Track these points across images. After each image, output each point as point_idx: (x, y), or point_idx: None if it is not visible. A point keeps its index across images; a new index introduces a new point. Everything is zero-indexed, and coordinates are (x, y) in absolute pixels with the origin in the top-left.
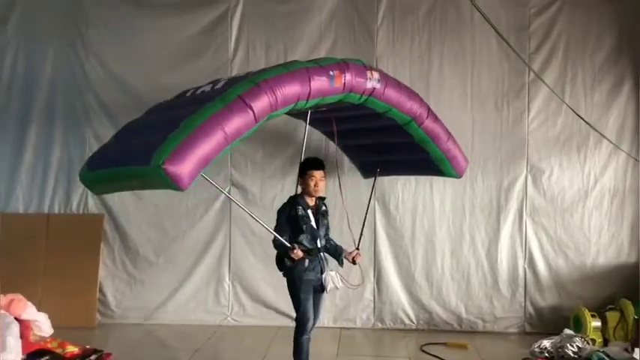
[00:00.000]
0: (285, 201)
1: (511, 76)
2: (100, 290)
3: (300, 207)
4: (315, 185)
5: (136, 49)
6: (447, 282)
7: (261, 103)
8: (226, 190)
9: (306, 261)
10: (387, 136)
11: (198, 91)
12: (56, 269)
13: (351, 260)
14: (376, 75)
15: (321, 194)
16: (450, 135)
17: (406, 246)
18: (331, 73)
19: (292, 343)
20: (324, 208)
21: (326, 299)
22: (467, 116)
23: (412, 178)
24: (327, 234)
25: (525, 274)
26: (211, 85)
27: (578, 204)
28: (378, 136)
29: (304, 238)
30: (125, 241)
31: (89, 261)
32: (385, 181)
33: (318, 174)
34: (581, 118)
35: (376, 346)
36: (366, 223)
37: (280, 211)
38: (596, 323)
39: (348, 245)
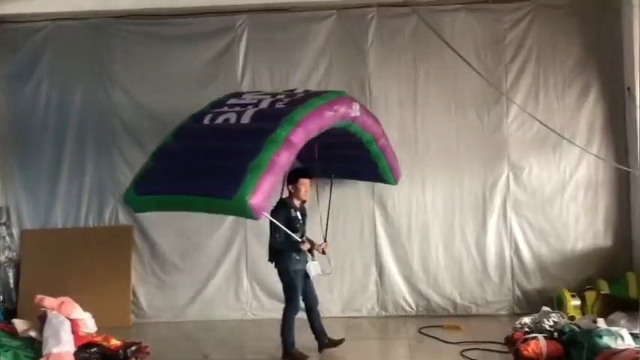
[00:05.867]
0: (276, 204)
1: (490, 87)
2: (133, 293)
3: (293, 209)
4: (305, 191)
5: (155, 78)
6: (442, 271)
7: (299, 139)
8: None
9: (295, 255)
10: (351, 149)
11: (245, 115)
12: (93, 276)
13: (320, 251)
14: (356, 105)
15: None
16: (393, 152)
17: (403, 241)
18: (335, 107)
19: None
20: (305, 210)
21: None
22: (452, 124)
23: (406, 181)
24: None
25: (512, 261)
26: (255, 108)
27: (556, 196)
28: (344, 150)
29: (297, 236)
30: (153, 249)
31: (122, 267)
32: (382, 186)
33: (308, 182)
34: (548, 127)
35: (380, 332)
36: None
37: (277, 212)
38: (576, 302)
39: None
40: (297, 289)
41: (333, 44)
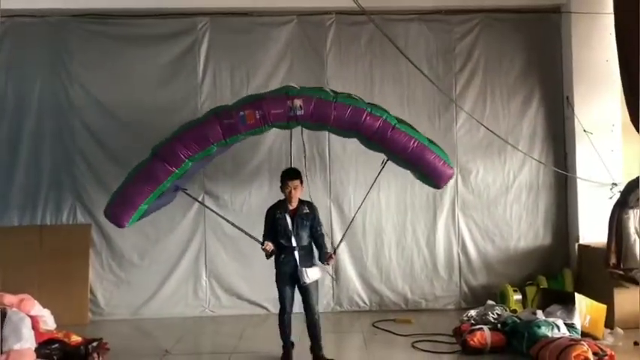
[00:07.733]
0: (273, 204)
1: (441, 93)
2: (91, 291)
3: (279, 211)
4: (289, 193)
5: (115, 77)
6: (394, 268)
7: (174, 156)
8: (200, 197)
9: (282, 256)
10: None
11: None
12: (50, 274)
13: (325, 262)
14: (298, 103)
15: (295, 200)
16: (418, 147)
17: (359, 240)
18: (241, 113)
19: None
20: (305, 211)
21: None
22: None
23: (362, 182)
24: (314, 233)
25: (459, 259)
26: None
27: (500, 198)
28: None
29: (281, 237)
30: (111, 247)
31: (80, 265)
32: (338, 185)
33: (292, 183)
34: (494, 132)
35: (336, 326)
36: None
37: (266, 213)
38: (518, 296)
39: None
40: (280, 290)
41: (293, 48)
